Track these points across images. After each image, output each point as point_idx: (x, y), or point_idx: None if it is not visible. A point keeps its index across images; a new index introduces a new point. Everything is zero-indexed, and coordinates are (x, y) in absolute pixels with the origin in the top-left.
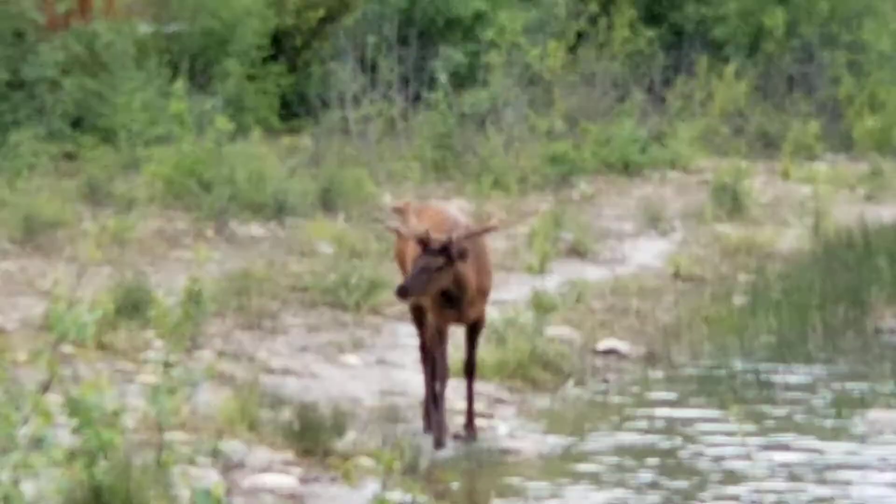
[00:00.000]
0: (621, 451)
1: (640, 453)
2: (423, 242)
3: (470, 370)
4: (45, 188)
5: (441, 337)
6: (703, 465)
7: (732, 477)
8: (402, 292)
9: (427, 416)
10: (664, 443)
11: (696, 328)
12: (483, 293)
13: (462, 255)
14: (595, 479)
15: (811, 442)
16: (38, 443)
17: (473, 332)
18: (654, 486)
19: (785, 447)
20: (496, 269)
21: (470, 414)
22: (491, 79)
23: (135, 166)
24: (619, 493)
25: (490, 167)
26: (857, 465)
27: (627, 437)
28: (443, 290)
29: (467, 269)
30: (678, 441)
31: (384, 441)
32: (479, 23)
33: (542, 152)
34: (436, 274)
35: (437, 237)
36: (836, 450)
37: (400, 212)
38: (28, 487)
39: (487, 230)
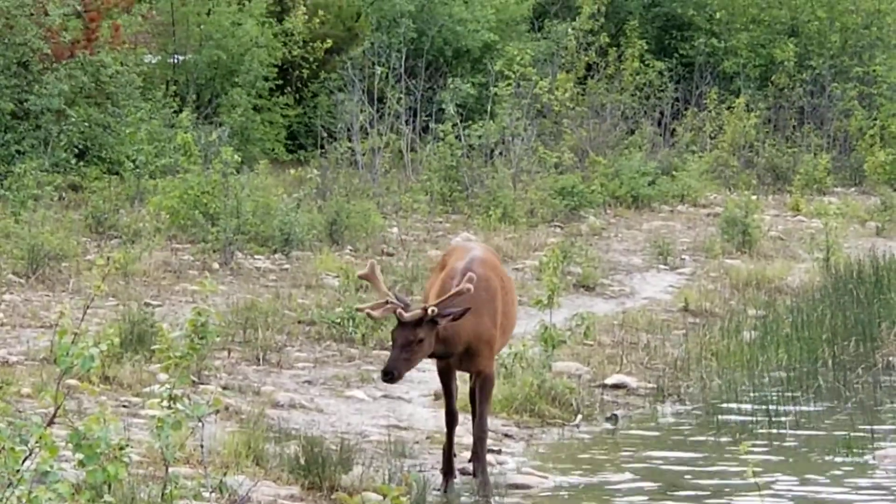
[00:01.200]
0: (630, 487)
1: (649, 490)
2: (398, 317)
3: (477, 421)
4: (50, 220)
5: (444, 387)
6: (713, 501)
7: None
8: (388, 377)
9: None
10: (674, 479)
11: (705, 363)
12: (487, 342)
13: (439, 319)
14: None
15: (820, 478)
16: (43, 476)
17: (478, 392)
18: None
19: (795, 483)
20: None
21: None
22: (499, 110)
23: (140, 198)
24: None
25: (498, 200)
26: (868, 499)
27: (636, 473)
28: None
29: (459, 327)
30: (688, 477)
31: (391, 476)
32: (488, 54)
33: (551, 185)
34: (417, 347)
35: (410, 313)
36: (846, 487)
37: (367, 278)
38: None
39: (457, 295)
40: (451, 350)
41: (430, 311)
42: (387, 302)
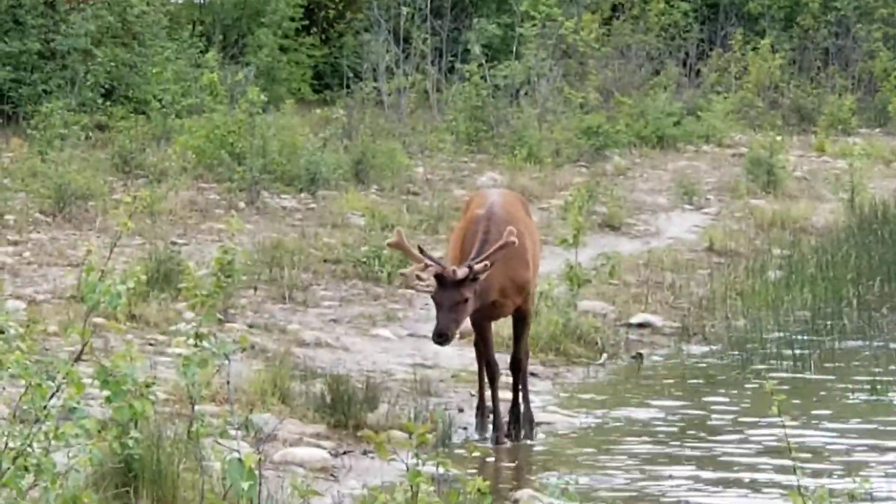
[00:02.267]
0: (654, 425)
1: (673, 428)
2: (439, 279)
3: (515, 366)
4: (77, 159)
5: (482, 338)
6: (736, 439)
7: (765, 451)
8: (441, 338)
9: (479, 415)
10: (698, 417)
11: (730, 302)
12: (519, 286)
13: (480, 274)
14: (628, 453)
15: (845, 418)
16: (69, 413)
17: (517, 324)
18: (687, 459)
19: (820, 423)
20: None
21: (516, 411)
22: (525, 51)
23: (166, 137)
24: (651, 467)
25: (523, 140)
26: (892, 438)
27: (661, 412)
28: None
29: (491, 277)
30: (713, 416)
31: (416, 414)
32: None
33: (576, 125)
34: (463, 306)
35: (453, 271)
36: (871, 426)
37: (396, 246)
38: (59, 458)
39: (503, 248)
40: (485, 300)
41: (478, 268)
42: (425, 265)
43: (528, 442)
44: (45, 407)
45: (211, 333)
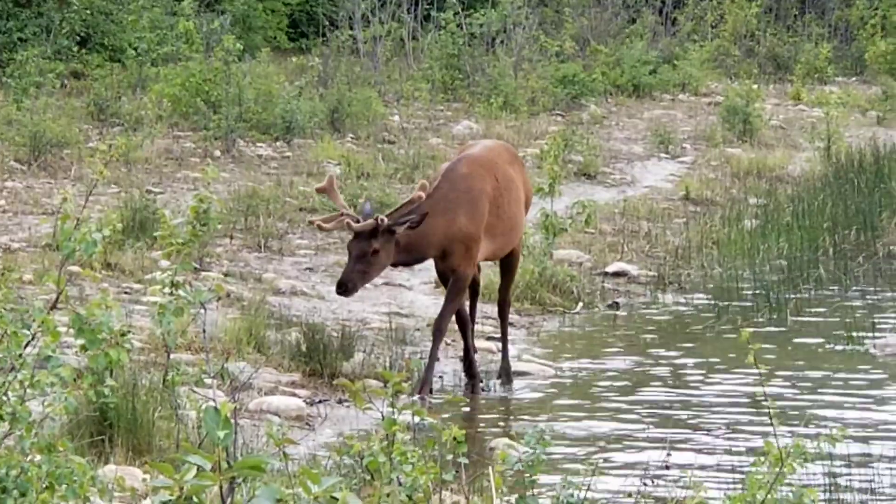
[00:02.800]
0: (630, 373)
1: (650, 376)
2: (349, 229)
3: (437, 317)
4: (52, 107)
5: (446, 286)
6: (711, 388)
7: (740, 401)
8: (342, 289)
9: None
10: (674, 366)
11: (706, 251)
12: (462, 241)
13: (396, 228)
14: (603, 401)
15: (821, 366)
16: (45, 361)
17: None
18: (662, 407)
19: (796, 371)
20: None
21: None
22: (501, 0)
23: (142, 85)
24: (627, 416)
25: (499, 88)
26: (868, 388)
27: (637, 360)
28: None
29: (427, 231)
30: (689, 364)
31: (392, 363)
32: None
33: (552, 74)
34: (373, 258)
35: (361, 224)
36: (846, 374)
37: (325, 191)
38: (35, 406)
39: (409, 204)
40: (420, 255)
41: (380, 221)
42: (341, 214)
43: (505, 391)
44: (20, 355)
45: (186, 282)
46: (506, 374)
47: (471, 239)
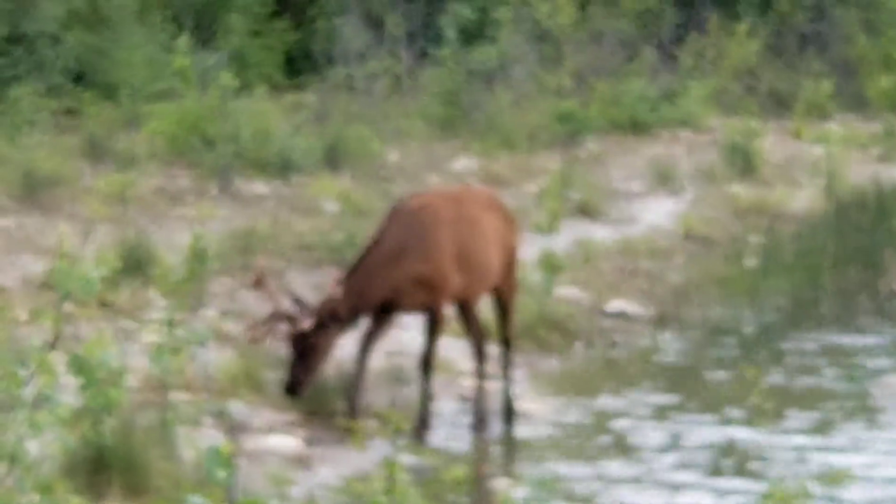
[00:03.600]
0: (630, 412)
1: (650, 415)
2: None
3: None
4: (46, 144)
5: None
6: (713, 428)
7: (742, 441)
8: (292, 390)
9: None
10: (673, 405)
11: (706, 290)
12: (421, 282)
13: (324, 323)
14: (602, 440)
15: (823, 406)
16: (43, 401)
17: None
18: (664, 449)
19: (797, 411)
20: None
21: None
22: (499, 35)
23: (137, 122)
24: (626, 453)
25: (497, 125)
26: (875, 433)
27: (637, 399)
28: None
29: (367, 289)
30: (689, 403)
31: (390, 402)
32: None
33: (551, 110)
34: (312, 354)
35: (295, 332)
36: (846, 413)
37: (258, 285)
38: (33, 446)
39: (328, 303)
40: (365, 311)
41: (304, 326)
42: (274, 313)
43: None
44: (18, 395)
45: (183, 321)
46: (507, 413)
47: (433, 277)
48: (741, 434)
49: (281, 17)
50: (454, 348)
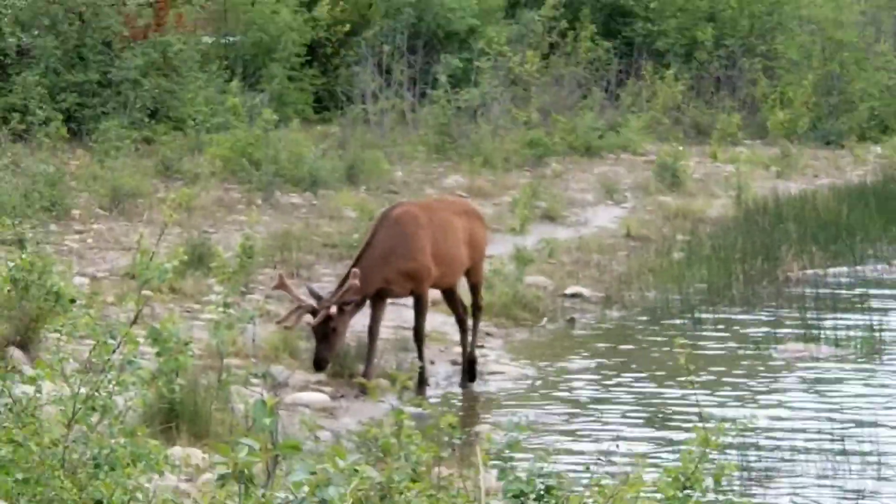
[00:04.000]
0: (585, 373)
1: (599, 375)
2: (310, 324)
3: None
4: (128, 166)
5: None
6: (648, 385)
7: (671, 396)
8: (318, 368)
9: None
10: (619, 366)
11: (643, 277)
12: (406, 274)
13: (342, 309)
14: (563, 395)
15: (734, 368)
16: (127, 365)
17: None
18: (610, 401)
19: (715, 371)
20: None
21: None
22: (481, 80)
23: (199, 148)
24: (579, 398)
25: (480, 150)
26: (772, 384)
27: (589, 363)
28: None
29: (368, 276)
30: (630, 365)
31: (397, 365)
32: (472, 35)
33: (521, 138)
34: (333, 335)
35: (317, 319)
36: (754, 373)
37: (279, 288)
38: (119, 400)
39: (348, 291)
40: (365, 297)
41: (332, 312)
42: (298, 307)
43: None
44: (108, 360)
45: (235, 303)
46: (470, 365)
47: (416, 270)
48: (670, 391)
49: (311, 66)
50: (447, 324)
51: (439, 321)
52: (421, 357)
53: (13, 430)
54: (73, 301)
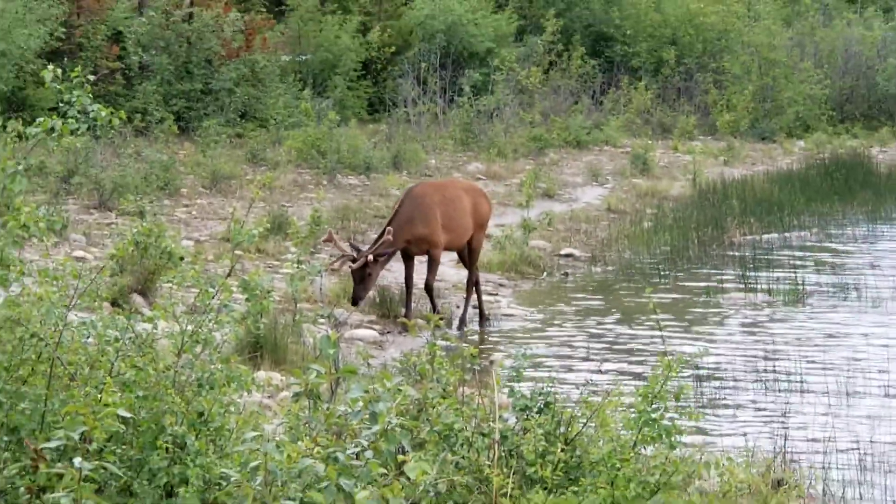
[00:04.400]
0: (575, 315)
1: (587, 315)
2: (351, 268)
3: (427, 286)
4: (224, 155)
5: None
6: (627, 321)
7: (642, 335)
8: (355, 304)
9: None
10: (603, 310)
11: (620, 242)
12: (423, 238)
13: (377, 259)
14: (559, 332)
15: (690, 311)
16: (223, 308)
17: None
18: (597, 337)
19: (675, 313)
20: (498, 207)
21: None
22: (496, 90)
23: (279, 141)
24: (571, 335)
25: (495, 143)
26: (718, 324)
27: (579, 307)
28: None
29: (396, 235)
30: (610, 310)
31: (430, 308)
32: (489, 55)
33: (527, 134)
34: (368, 279)
35: (358, 262)
36: (707, 315)
37: (329, 241)
38: (217, 335)
39: (383, 244)
40: (396, 248)
41: (369, 260)
42: (342, 256)
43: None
44: (209, 304)
45: (306, 260)
46: (481, 317)
47: (429, 235)
48: (641, 330)
49: (365, 78)
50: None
51: (464, 274)
52: (433, 304)
53: (135, 358)
54: (181, 259)
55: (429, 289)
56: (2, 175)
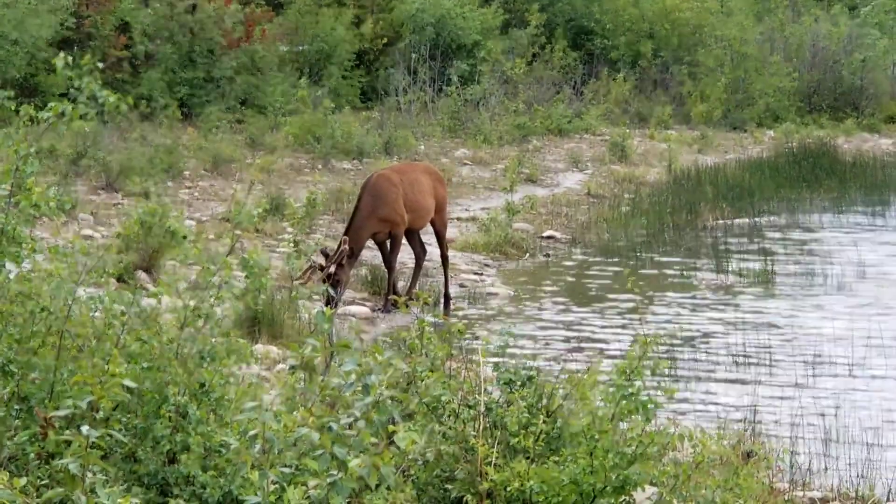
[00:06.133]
0: (556, 294)
1: (568, 295)
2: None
3: (387, 264)
4: (225, 139)
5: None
6: (605, 300)
7: (622, 309)
8: (328, 303)
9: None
10: (582, 289)
11: (599, 224)
12: (385, 220)
13: (342, 259)
14: (541, 307)
15: (666, 291)
16: (224, 285)
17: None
18: (574, 314)
19: (653, 292)
20: (484, 192)
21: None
22: (482, 80)
23: (277, 127)
24: (553, 312)
25: (481, 130)
26: (692, 301)
27: (560, 286)
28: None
29: (360, 228)
30: (591, 287)
31: (420, 286)
32: (476, 47)
33: (511, 122)
34: (337, 279)
35: (325, 270)
36: (681, 293)
37: (306, 281)
38: (218, 310)
39: (341, 254)
40: (361, 248)
41: (331, 270)
42: (310, 266)
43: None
44: (210, 281)
45: (302, 240)
46: (446, 299)
47: (391, 218)
48: (620, 307)
49: (359, 68)
50: (455, 256)
51: (455, 258)
52: (390, 282)
53: (140, 332)
54: (184, 237)
55: (391, 266)
56: (15, 157)
